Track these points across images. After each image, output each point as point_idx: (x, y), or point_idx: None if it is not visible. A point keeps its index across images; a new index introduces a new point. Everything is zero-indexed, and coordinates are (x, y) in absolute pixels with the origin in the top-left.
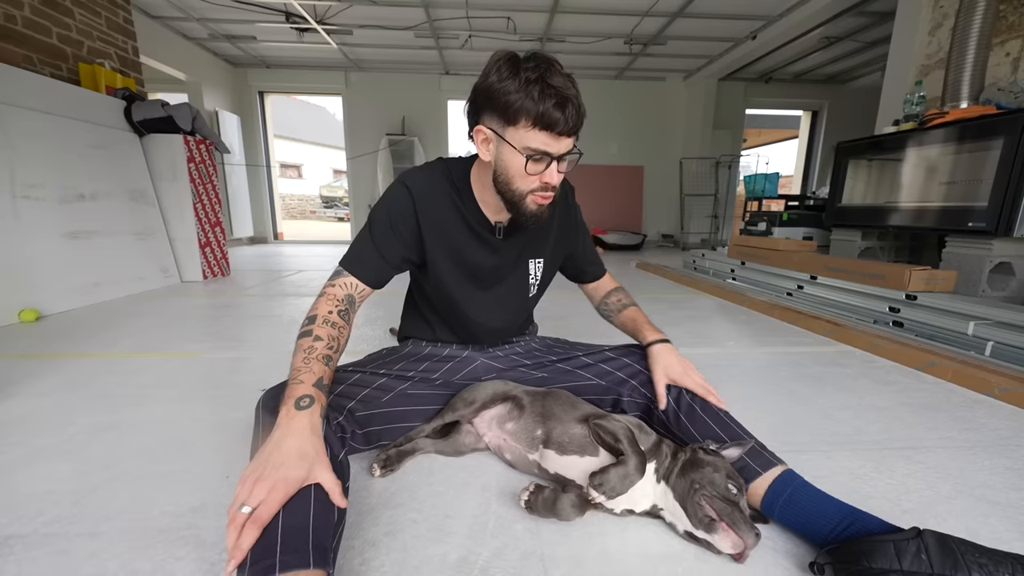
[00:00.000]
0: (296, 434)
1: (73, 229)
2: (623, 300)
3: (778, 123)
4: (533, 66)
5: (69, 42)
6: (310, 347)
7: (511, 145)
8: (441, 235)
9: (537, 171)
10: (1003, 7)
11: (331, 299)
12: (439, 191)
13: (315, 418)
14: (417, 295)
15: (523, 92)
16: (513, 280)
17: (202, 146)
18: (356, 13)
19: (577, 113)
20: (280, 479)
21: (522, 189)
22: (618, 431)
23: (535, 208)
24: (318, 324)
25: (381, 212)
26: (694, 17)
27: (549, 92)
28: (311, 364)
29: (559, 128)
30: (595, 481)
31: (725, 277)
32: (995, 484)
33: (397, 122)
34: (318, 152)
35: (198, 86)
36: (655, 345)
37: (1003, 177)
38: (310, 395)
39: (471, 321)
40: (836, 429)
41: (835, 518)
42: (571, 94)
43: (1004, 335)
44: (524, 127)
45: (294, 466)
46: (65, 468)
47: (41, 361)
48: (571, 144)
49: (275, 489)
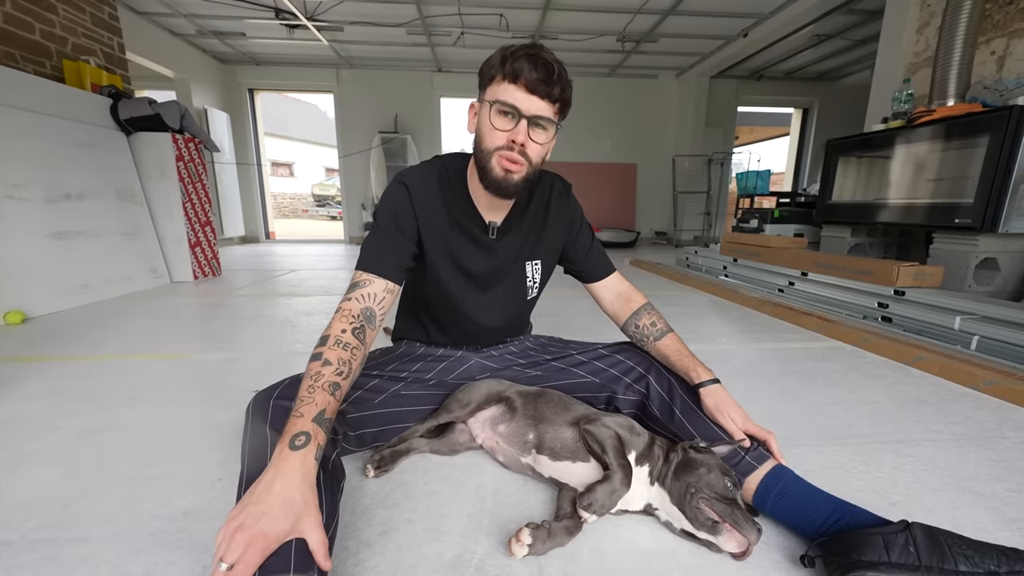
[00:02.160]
0: (285, 479)
1: (59, 229)
2: (659, 324)
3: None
4: (521, 45)
5: (52, 38)
6: (317, 373)
7: (485, 102)
8: (437, 234)
9: (504, 127)
10: (989, 6)
11: (346, 316)
12: (434, 190)
13: (308, 461)
14: (413, 296)
15: (499, 56)
16: (511, 282)
17: (191, 144)
18: (347, 9)
19: (548, 70)
20: (259, 533)
21: (489, 147)
22: (605, 440)
23: (501, 173)
24: (329, 346)
25: (385, 212)
26: (686, 15)
27: (521, 52)
28: (315, 394)
29: (524, 76)
30: (583, 502)
31: (717, 274)
32: (980, 476)
33: (389, 120)
34: (310, 150)
35: (186, 83)
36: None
37: (988, 174)
38: (307, 432)
39: (470, 322)
40: (826, 424)
41: (825, 511)
42: (548, 59)
43: (989, 329)
44: (496, 83)
45: (276, 518)
46: (53, 472)
47: (27, 364)
48: (545, 109)
49: (253, 544)
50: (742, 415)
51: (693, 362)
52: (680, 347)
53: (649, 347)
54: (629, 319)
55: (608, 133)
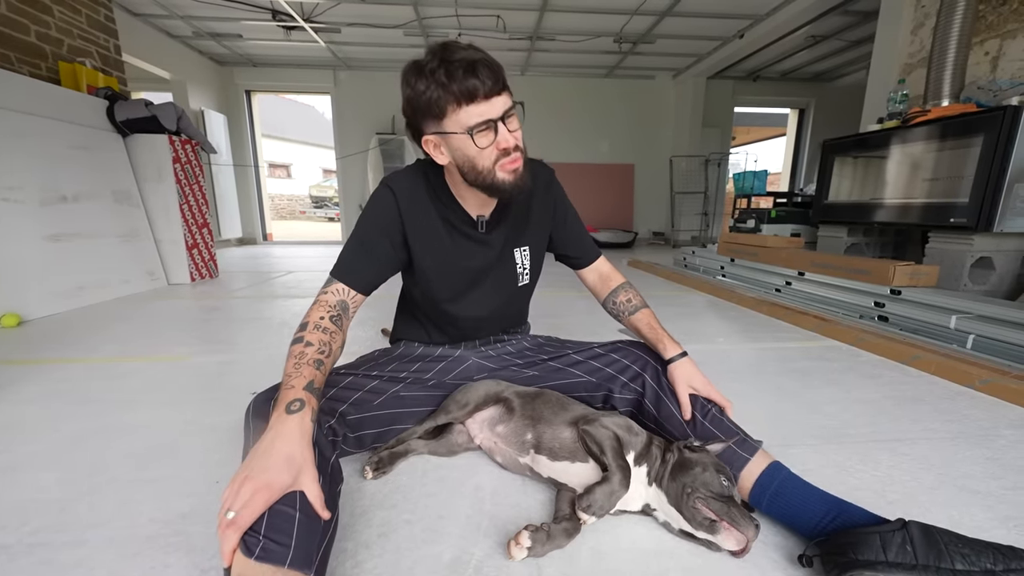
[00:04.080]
0: (285, 439)
1: (55, 232)
2: (634, 301)
3: (766, 121)
4: (431, 58)
5: (48, 40)
6: (300, 352)
7: (454, 134)
8: (424, 236)
9: (488, 142)
10: (982, 7)
11: (323, 306)
12: (420, 192)
13: (305, 422)
14: (409, 297)
15: (434, 84)
16: (502, 272)
17: (188, 146)
18: (344, 11)
19: (491, 70)
20: (264, 484)
21: (487, 166)
22: (603, 441)
23: (510, 179)
24: (309, 330)
25: (368, 216)
26: (682, 16)
27: (454, 68)
28: (301, 368)
29: (481, 92)
30: (583, 504)
31: (715, 274)
32: (976, 474)
33: (387, 121)
34: (307, 151)
35: (183, 85)
36: (678, 360)
37: (983, 174)
38: (300, 399)
39: (462, 318)
40: (823, 423)
41: (822, 510)
42: (476, 57)
43: (985, 328)
44: (453, 111)
45: (279, 471)
46: (50, 476)
47: (24, 367)
48: (507, 102)
49: (258, 493)
50: (703, 382)
51: (663, 336)
52: (652, 322)
53: (624, 321)
54: (608, 296)
55: (606, 134)
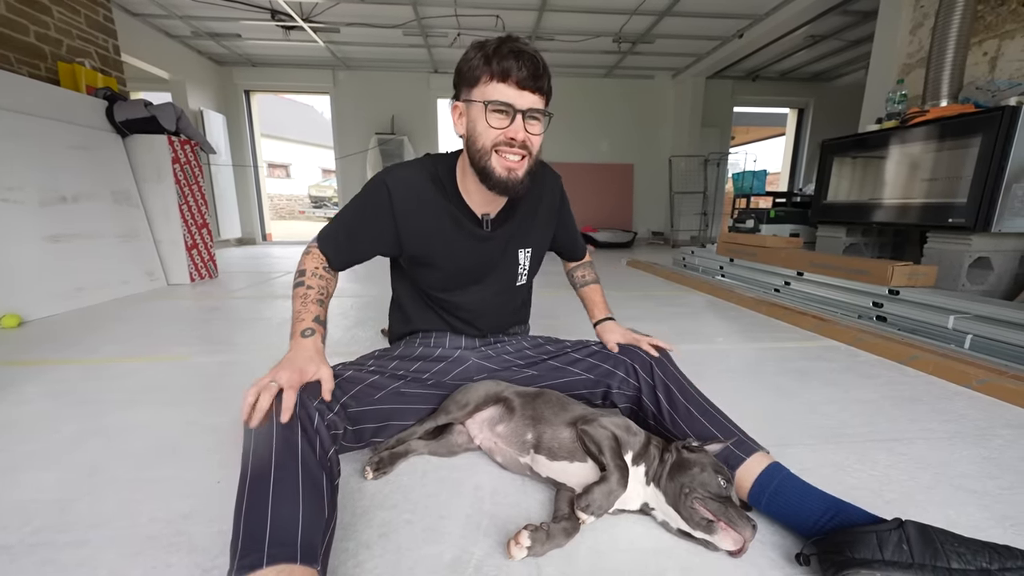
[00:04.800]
0: (303, 351)
1: (54, 232)
2: (586, 276)
3: (765, 120)
4: (495, 40)
5: (47, 40)
6: (304, 294)
7: (476, 103)
8: (423, 229)
9: (500, 124)
10: (981, 7)
11: (316, 257)
12: (421, 186)
13: (318, 342)
14: (402, 291)
15: (481, 56)
16: (504, 270)
17: (187, 146)
18: (343, 11)
19: (535, 65)
20: (296, 369)
21: (486, 145)
22: (602, 441)
23: (503, 172)
24: (308, 276)
25: (356, 203)
26: (681, 16)
27: (503, 49)
28: (308, 306)
29: (514, 75)
30: (581, 504)
31: (714, 274)
32: (972, 473)
33: (386, 121)
34: (306, 151)
35: (182, 85)
36: (603, 322)
37: (981, 174)
38: (311, 328)
39: (463, 310)
40: (821, 423)
41: (820, 509)
42: (527, 48)
43: (982, 328)
44: (484, 83)
45: (307, 362)
46: (50, 476)
47: (24, 368)
48: (537, 102)
49: (293, 373)
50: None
51: (598, 307)
52: (594, 295)
53: (577, 292)
54: (571, 270)
55: (605, 133)
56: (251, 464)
